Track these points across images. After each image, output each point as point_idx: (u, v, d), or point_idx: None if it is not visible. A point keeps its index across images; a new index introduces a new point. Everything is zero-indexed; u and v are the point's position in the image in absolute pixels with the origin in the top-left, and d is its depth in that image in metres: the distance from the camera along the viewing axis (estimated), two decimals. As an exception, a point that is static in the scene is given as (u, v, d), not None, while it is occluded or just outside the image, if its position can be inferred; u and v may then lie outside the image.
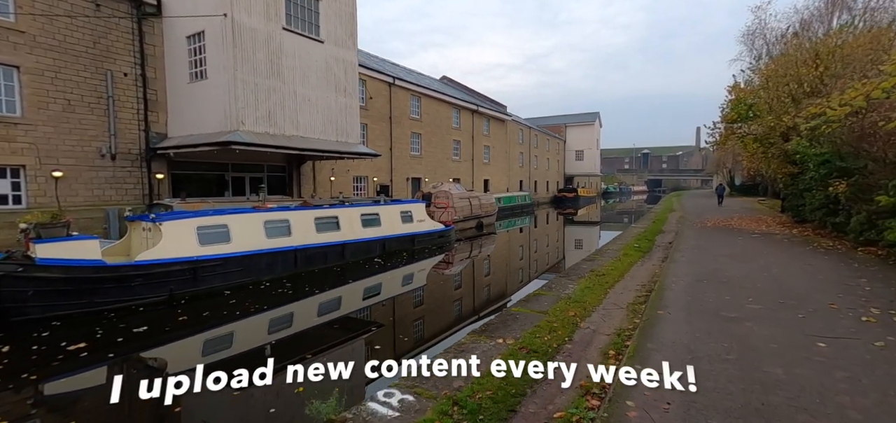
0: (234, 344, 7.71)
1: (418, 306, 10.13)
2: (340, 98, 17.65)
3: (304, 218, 12.61)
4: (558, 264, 15.94)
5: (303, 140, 15.89)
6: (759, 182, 44.54)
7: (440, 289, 11.58)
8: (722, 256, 10.87)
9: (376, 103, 26.38)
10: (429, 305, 10.33)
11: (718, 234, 15.57)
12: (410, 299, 10.88)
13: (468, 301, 10.57)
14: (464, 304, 10.51)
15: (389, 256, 15.24)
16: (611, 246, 13.34)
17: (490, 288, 12.40)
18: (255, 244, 10.93)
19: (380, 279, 12.63)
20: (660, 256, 11.77)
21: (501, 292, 11.63)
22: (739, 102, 18.68)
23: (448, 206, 23.07)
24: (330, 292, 11.10)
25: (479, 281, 12.75)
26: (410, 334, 8.15)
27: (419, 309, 9.88)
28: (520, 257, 17.63)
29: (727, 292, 7.22)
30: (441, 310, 9.94)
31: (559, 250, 20.85)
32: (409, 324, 8.84)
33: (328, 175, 23.14)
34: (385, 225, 15.57)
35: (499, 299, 10.80)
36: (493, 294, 11.67)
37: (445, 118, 33.76)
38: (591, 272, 9.20)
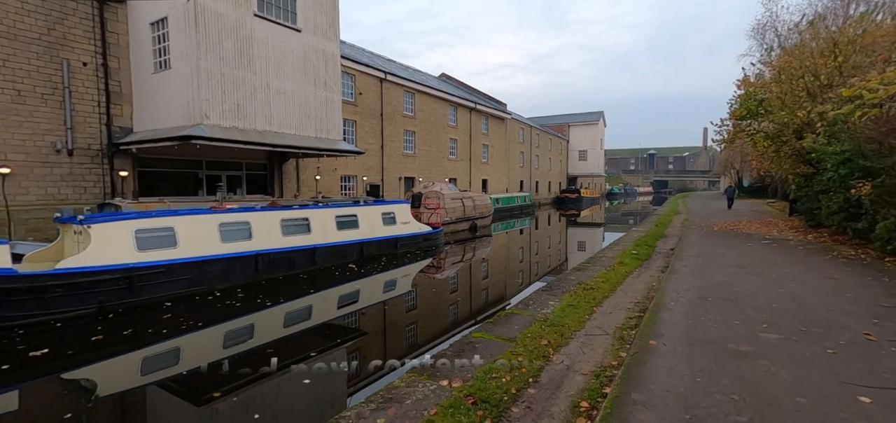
0: (127, 375, 6.38)
1: (369, 329, 8.68)
2: (320, 92, 16.55)
3: (268, 220, 11.52)
4: (553, 270, 14.74)
5: (277, 136, 14.80)
6: (769, 183, 42.98)
7: (405, 304, 10.17)
8: (729, 266, 9.63)
9: (366, 99, 25.29)
10: (386, 324, 8.96)
11: (726, 239, 14.29)
12: (366, 316, 9.55)
13: (431, 321, 9.07)
14: (424, 324, 8.93)
15: (368, 261, 14.12)
16: (606, 253, 12.12)
17: (465, 302, 10.78)
18: (206, 249, 9.83)
19: (341, 290, 11.29)
20: (659, 265, 10.54)
21: (477, 307, 10.18)
22: (749, 97, 17.38)
23: (438, 207, 21.91)
24: (278, 306, 9.50)
25: (456, 293, 11.31)
26: (343, 368, 6.29)
27: (371, 332, 8.43)
28: (512, 263, 16.45)
29: (736, 314, 6.01)
30: (395, 333, 8.37)
31: (556, 254, 19.62)
32: (347, 353, 7.09)
33: (313, 174, 22.08)
34: (363, 228, 14.45)
35: (467, 319, 9.05)
36: (465, 311, 9.88)
37: (441, 116, 32.61)
38: (578, 286, 8.01)
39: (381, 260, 14.35)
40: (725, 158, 52.18)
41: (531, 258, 17.67)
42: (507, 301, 10.05)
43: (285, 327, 8.48)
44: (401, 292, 11.67)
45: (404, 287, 12.04)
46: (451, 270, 14.40)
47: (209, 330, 8.01)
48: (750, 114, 17.31)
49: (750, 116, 17.45)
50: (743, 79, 17.83)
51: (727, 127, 19.09)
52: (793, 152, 17.48)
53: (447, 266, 14.94)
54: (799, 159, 17.51)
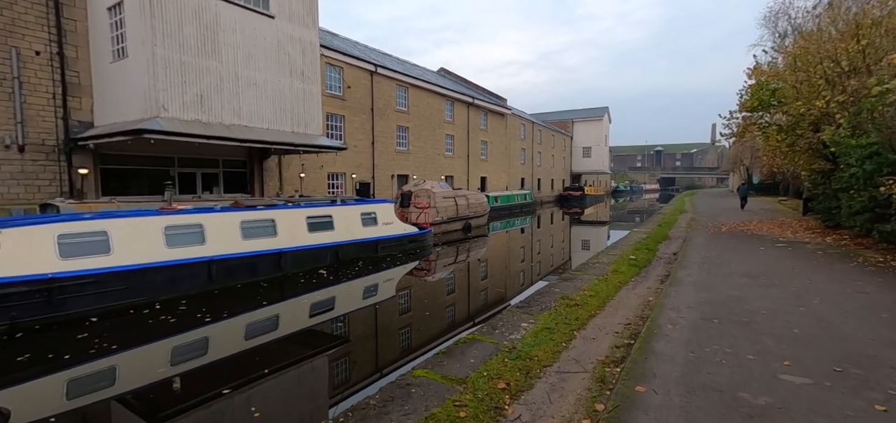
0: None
1: (285, 361, 6.59)
2: (296, 83, 15.45)
3: (226, 222, 10.44)
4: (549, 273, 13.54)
5: (246, 130, 13.73)
6: (780, 180, 41.37)
7: (357, 324, 8.69)
8: (740, 275, 8.39)
9: (356, 93, 24.17)
10: (309, 355, 7.12)
11: (735, 242, 13.01)
12: (292, 343, 7.59)
13: (383, 346, 7.49)
14: (364, 355, 7.06)
15: (344, 266, 13.02)
16: (600, 259, 10.90)
17: (432, 319, 8.65)
18: (147, 256, 8.77)
19: (298, 303, 9.82)
20: (659, 273, 9.31)
21: (443, 326, 8.16)
22: (761, 87, 16.01)
23: (426, 206, 20.76)
24: (218, 322, 8.16)
25: (427, 305, 9.77)
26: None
27: (286, 372, 6.24)
28: (504, 266, 15.27)
29: (750, 344, 4.81)
30: (313, 374, 6.42)
31: (554, 255, 18.40)
32: (248, 399, 5.22)
33: (298, 171, 21.02)
34: (339, 229, 13.34)
35: (423, 344, 7.09)
36: (424, 332, 7.80)
37: (437, 111, 31.43)
38: (561, 301, 6.83)
39: (357, 265, 13.24)
40: (734, 154, 50.50)
41: (526, 260, 16.48)
42: (474, 320, 8.43)
43: (210, 352, 7.14)
44: (357, 306, 10.12)
45: (369, 299, 10.64)
46: (434, 276, 13.23)
47: (123, 354, 6.89)
48: (762, 105, 15.96)
49: (762, 107, 16.10)
50: (754, 67, 16.48)
51: (737, 120, 17.74)
52: (808, 147, 16.14)
53: (430, 271, 13.79)
54: (815, 154, 16.16)
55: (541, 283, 11.37)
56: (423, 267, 14.18)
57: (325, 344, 7.62)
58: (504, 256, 17.42)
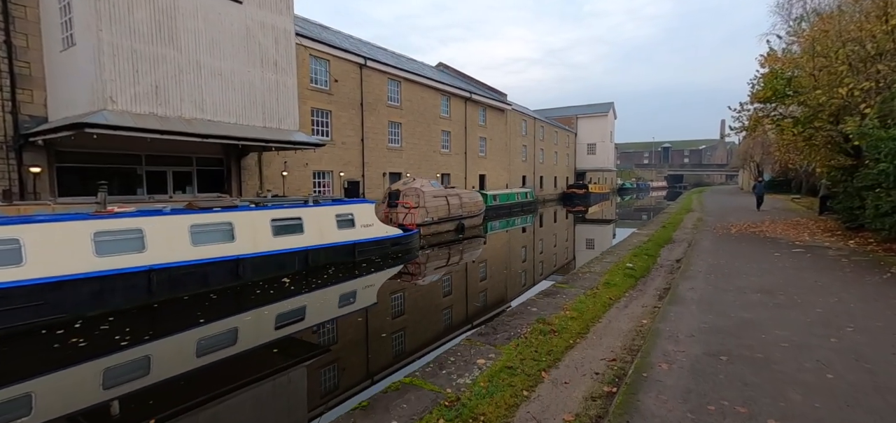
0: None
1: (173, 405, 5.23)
2: (269, 74, 14.34)
3: (171, 226, 9.34)
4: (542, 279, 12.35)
5: (210, 125, 12.64)
6: (792, 177, 39.66)
7: (285, 350, 7.24)
8: (753, 290, 7.13)
9: (343, 87, 23.05)
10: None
11: (746, 247, 11.70)
12: (196, 380, 6.10)
13: (286, 393, 5.70)
14: (264, 405, 5.33)
15: (315, 272, 11.91)
16: (593, 267, 9.64)
17: (382, 345, 7.25)
18: (70, 266, 7.71)
19: (233, 322, 8.46)
20: (659, 286, 8.08)
21: (388, 357, 6.74)
22: (775, 75, 14.63)
23: (413, 206, 19.59)
24: (134, 348, 6.76)
25: (385, 324, 8.24)
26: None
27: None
28: (491, 273, 14.07)
29: (771, 399, 3.60)
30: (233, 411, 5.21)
31: (551, 259, 17.18)
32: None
33: (280, 169, 19.96)
34: (310, 232, 12.22)
35: (353, 386, 5.68)
36: (355, 373, 6.33)
37: (432, 106, 30.23)
38: (536, 325, 5.63)
39: (329, 272, 12.11)
40: (744, 150, 48.74)
41: (518, 265, 15.27)
42: (429, 348, 6.88)
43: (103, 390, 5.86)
44: (292, 328, 8.40)
45: (313, 318, 9.04)
46: (411, 285, 12.02)
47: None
48: (776, 95, 14.58)
49: (776, 97, 14.71)
50: (767, 54, 15.10)
51: (748, 112, 16.34)
52: (827, 140, 14.75)
53: (409, 279, 12.63)
54: (835, 149, 14.77)
55: (527, 294, 10.17)
56: (403, 274, 13.02)
57: (232, 384, 5.92)
58: (495, 259, 16.22)
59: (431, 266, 14.29)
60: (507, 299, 10.02)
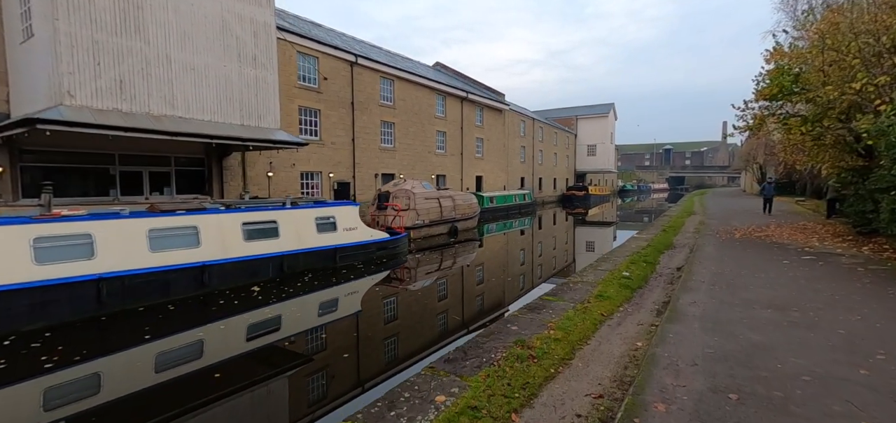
0: None
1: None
2: (248, 69, 13.62)
3: (125, 231, 8.60)
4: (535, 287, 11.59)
5: (181, 122, 11.92)
6: (797, 179, 38.82)
7: (240, 367, 6.54)
8: (763, 305, 6.35)
9: (333, 85, 22.32)
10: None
11: (752, 253, 10.91)
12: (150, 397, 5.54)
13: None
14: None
15: (291, 279, 11.16)
16: (586, 276, 8.85)
17: (343, 367, 6.54)
18: (2, 276, 6.96)
19: (178, 340, 7.49)
20: (657, 299, 7.30)
21: (345, 382, 6.06)
22: (781, 71, 13.86)
23: (408, 208, 18.84)
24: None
25: (349, 342, 7.66)
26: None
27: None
28: (481, 279, 13.30)
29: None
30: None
31: (546, 264, 16.42)
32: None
33: (265, 170, 19.23)
34: (286, 236, 11.48)
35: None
36: (297, 409, 5.42)
37: (427, 106, 29.49)
38: (512, 349, 4.86)
39: (306, 278, 11.35)
40: (747, 151, 47.89)
41: (512, 270, 14.50)
42: (390, 372, 6.13)
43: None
44: (251, 344, 7.49)
45: (273, 333, 8.03)
46: (392, 293, 11.24)
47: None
48: (782, 93, 13.79)
49: (782, 95, 13.93)
50: (774, 49, 14.30)
51: (752, 110, 15.55)
52: (837, 140, 13.96)
53: (391, 287, 11.85)
54: (845, 149, 13.97)
55: (512, 306, 9.39)
56: (385, 281, 12.25)
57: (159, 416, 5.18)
58: (487, 265, 15.44)
59: (417, 273, 13.52)
60: (488, 312, 9.19)
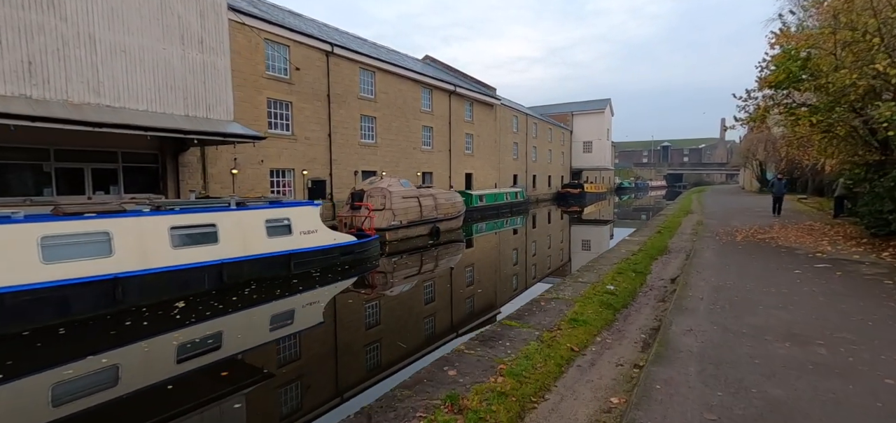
0: None
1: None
2: (193, 53, 12.17)
3: (10, 239, 7.17)
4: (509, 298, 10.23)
5: (109, 112, 10.48)
6: (798, 176, 37.50)
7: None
8: (777, 334, 4.98)
9: (306, 77, 20.86)
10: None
11: (757, 260, 9.54)
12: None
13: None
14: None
15: (233, 290, 9.76)
16: (563, 290, 7.44)
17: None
18: None
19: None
20: (643, 325, 5.92)
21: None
22: (788, 56, 12.50)
23: (376, 208, 17.43)
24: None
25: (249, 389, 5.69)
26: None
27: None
28: (448, 291, 11.91)
29: None
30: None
31: (530, 270, 15.07)
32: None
33: (229, 167, 17.79)
34: (228, 241, 10.06)
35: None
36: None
37: (412, 99, 28.05)
38: (443, 405, 3.47)
39: (249, 289, 9.94)
40: (746, 147, 46.58)
41: (488, 278, 13.13)
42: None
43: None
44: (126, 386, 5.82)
45: (167, 369, 6.28)
46: (327, 312, 9.62)
47: None
48: (789, 79, 12.41)
49: (789, 82, 12.54)
50: (780, 31, 12.93)
51: (755, 101, 14.17)
52: (850, 132, 12.63)
53: (334, 303, 10.41)
54: (858, 142, 12.64)
55: (464, 334, 7.99)
56: (338, 294, 10.79)
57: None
58: (466, 271, 14.04)
59: (381, 282, 12.11)
60: (437, 338, 7.71)
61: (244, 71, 18.09)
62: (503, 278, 13.02)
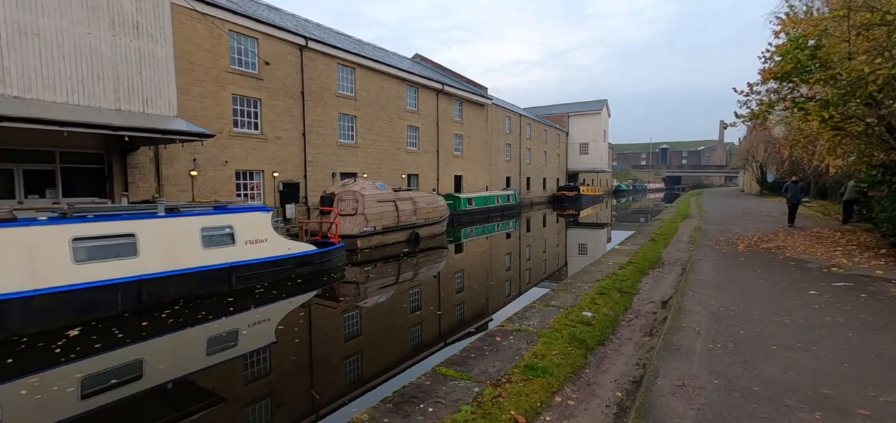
0: None
1: None
2: (125, 40, 10.79)
3: None
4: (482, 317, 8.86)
5: (15, 104, 9.09)
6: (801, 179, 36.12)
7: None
8: (802, 397, 3.62)
9: (278, 72, 19.50)
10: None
11: (764, 276, 8.16)
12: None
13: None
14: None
15: (157, 310, 8.37)
16: (529, 317, 6.04)
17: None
18: None
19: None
20: (621, 372, 4.54)
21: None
22: (796, 44, 11.17)
23: (347, 213, 16.05)
24: None
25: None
26: None
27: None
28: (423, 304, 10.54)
29: None
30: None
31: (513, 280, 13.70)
32: None
33: (187, 168, 16.40)
34: (150, 254, 8.67)
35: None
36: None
37: (396, 98, 26.70)
38: None
39: (175, 308, 8.53)
40: (746, 148, 45.26)
41: (471, 288, 11.75)
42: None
43: None
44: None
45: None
46: (258, 338, 8.33)
47: None
48: (797, 70, 11.07)
49: (797, 72, 11.20)
50: (786, 17, 11.60)
51: (758, 95, 12.82)
52: (865, 129, 11.28)
53: (282, 322, 9.03)
54: (875, 141, 11.29)
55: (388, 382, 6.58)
56: (277, 316, 9.35)
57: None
58: (440, 284, 12.64)
59: (330, 300, 10.70)
60: (353, 386, 6.20)
61: (205, 64, 16.72)
62: (492, 287, 11.62)
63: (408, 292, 11.49)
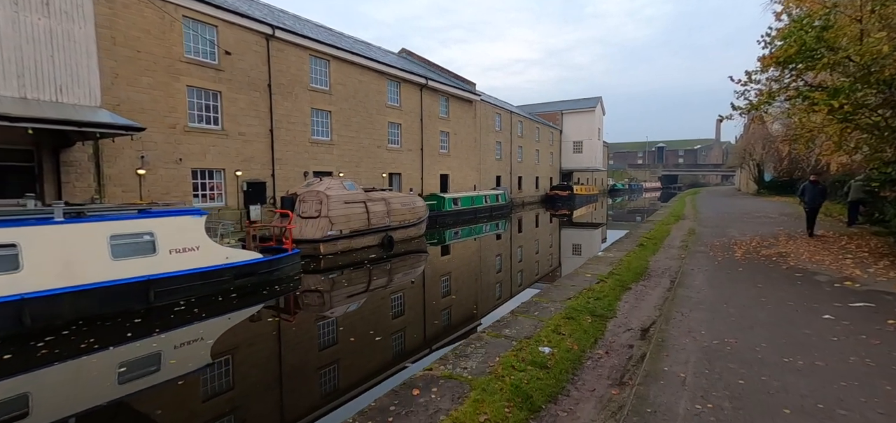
0: None
1: None
2: (33, 18, 9.38)
3: None
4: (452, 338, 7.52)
5: None
6: (798, 178, 34.95)
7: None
8: None
9: (241, 63, 18.08)
10: None
11: (766, 292, 6.83)
12: None
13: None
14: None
15: (46, 335, 6.99)
16: (469, 357, 4.70)
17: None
18: None
19: None
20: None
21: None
22: (801, 25, 9.87)
23: (309, 216, 14.66)
24: None
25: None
26: None
27: None
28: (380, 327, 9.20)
29: None
30: None
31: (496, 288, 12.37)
32: None
33: (133, 165, 14.96)
34: (35, 269, 7.27)
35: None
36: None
37: (375, 92, 25.29)
38: None
39: (71, 330, 7.15)
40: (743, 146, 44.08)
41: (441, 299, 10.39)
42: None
43: None
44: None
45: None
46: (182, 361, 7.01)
47: None
48: (802, 53, 9.76)
49: (801, 57, 9.88)
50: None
51: (757, 84, 11.50)
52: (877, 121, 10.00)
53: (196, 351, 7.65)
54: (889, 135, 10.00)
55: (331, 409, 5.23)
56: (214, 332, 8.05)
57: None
58: (384, 309, 11.27)
59: (318, 307, 9.36)
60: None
61: (155, 52, 15.29)
62: (431, 313, 10.21)
63: (374, 302, 10.11)
